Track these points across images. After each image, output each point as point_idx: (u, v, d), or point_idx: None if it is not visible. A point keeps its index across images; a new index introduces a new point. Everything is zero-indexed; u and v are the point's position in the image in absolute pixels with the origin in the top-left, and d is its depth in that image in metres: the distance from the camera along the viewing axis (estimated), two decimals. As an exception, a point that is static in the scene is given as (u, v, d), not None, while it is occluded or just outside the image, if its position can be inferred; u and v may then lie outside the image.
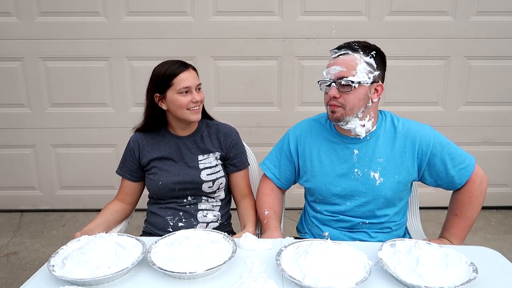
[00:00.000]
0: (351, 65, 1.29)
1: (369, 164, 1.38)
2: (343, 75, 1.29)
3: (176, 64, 1.46)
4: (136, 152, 1.56)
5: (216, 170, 1.56)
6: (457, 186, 1.39)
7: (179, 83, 1.44)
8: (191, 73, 1.47)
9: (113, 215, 1.55)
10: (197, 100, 1.46)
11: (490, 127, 2.98)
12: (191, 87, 1.46)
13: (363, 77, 1.29)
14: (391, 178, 1.37)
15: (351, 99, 1.30)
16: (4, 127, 2.98)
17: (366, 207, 1.40)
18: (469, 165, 1.37)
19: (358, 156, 1.39)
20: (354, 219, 1.42)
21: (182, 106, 1.45)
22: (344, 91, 1.30)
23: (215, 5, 2.77)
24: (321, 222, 1.48)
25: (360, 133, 1.36)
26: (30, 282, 1.09)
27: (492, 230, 2.85)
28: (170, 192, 1.53)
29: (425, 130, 1.38)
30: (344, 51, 1.32)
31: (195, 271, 1.06)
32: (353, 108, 1.31)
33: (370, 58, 1.31)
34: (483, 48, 2.83)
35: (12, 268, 2.43)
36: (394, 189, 1.38)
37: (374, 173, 1.38)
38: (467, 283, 1.01)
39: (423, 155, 1.36)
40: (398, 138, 1.38)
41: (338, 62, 1.31)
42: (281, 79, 2.89)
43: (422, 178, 1.41)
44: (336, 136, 1.43)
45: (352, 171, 1.40)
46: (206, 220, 1.56)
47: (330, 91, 1.32)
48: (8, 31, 2.80)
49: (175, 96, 1.45)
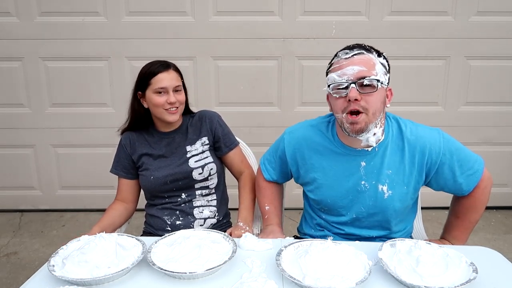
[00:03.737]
0: (370, 64, 1.20)
1: (377, 176, 1.30)
2: (364, 74, 1.18)
3: (158, 64, 1.49)
4: (128, 148, 1.58)
5: (203, 156, 1.57)
6: (464, 193, 1.33)
7: (155, 83, 1.47)
8: (170, 74, 1.48)
9: (119, 216, 1.56)
10: (171, 101, 1.47)
11: (490, 127, 2.98)
12: (167, 88, 1.47)
13: (382, 77, 1.20)
14: (400, 190, 1.30)
15: (374, 101, 1.18)
16: (4, 127, 2.98)
17: (373, 218, 1.35)
18: (478, 171, 1.30)
19: (366, 169, 1.30)
20: (360, 231, 1.38)
21: (158, 106, 1.48)
22: (366, 92, 1.18)
23: (215, 5, 2.77)
24: (326, 229, 1.43)
25: (371, 143, 1.26)
26: (30, 282, 1.09)
27: (492, 230, 2.84)
28: (163, 185, 1.54)
29: (434, 138, 1.28)
30: (357, 51, 1.22)
31: (195, 271, 1.06)
32: (376, 112, 1.20)
33: (383, 60, 1.24)
34: (483, 48, 2.83)
35: (12, 268, 2.43)
36: (403, 200, 1.32)
37: (382, 186, 1.29)
38: (467, 283, 1.00)
39: (432, 164, 1.28)
40: (406, 147, 1.29)
41: (354, 62, 1.20)
42: (281, 79, 2.89)
43: (428, 184, 1.35)
44: (341, 147, 1.33)
45: (359, 184, 1.31)
46: (203, 216, 1.57)
47: (350, 93, 1.17)
48: (8, 31, 2.80)
49: (151, 95, 1.48)
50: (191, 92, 2.52)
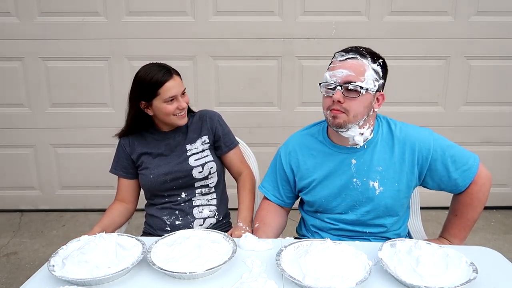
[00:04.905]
0: (360, 70, 1.25)
1: (367, 173, 1.34)
2: (351, 79, 1.24)
3: (161, 71, 1.45)
4: (127, 147, 1.58)
5: (203, 155, 1.57)
6: (461, 188, 1.35)
7: (165, 93, 1.45)
8: (176, 80, 1.48)
9: (120, 216, 1.56)
10: (183, 107, 1.49)
11: (490, 127, 2.98)
12: (177, 95, 1.47)
13: (370, 84, 1.25)
14: (391, 187, 1.34)
15: (356, 105, 1.25)
16: (4, 127, 2.98)
17: (366, 216, 1.37)
18: (473, 166, 1.32)
19: (356, 166, 1.35)
20: (354, 227, 1.40)
21: (169, 114, 1.48)
22: (349, 96, 1.25)
23: (215, 5, 2.77)
24: (321, 229, 1.45)
25: (358, 142, 1.32)
26: (30, 282, 1.09)
27: (492, 230, 2.84)
28: (163, 184, 1.54)
29: (424, 135, 1.33)
30: (352, 55, 1.27)
31: (195, 271, 1.06)
32: (357, 115, 1.27)
33: (377, 66, 1.28)
34: (483, 48, 2.83)
35: (12, 268, 2.43)
36: (395, 197, 1.35)
37: (373, 182, 1.34)
38: (467, 283, 1.01)
39: (423, 161, 1.32)
40: (396, 145, 1.34)
41: (345, 65, 1.26)
42: (281, 79, 2.89)
43: (424, 183, 1.38)
44: (332, 147, 1.39)
45: (351, 182, 1.36)
46: (203, 216, 1.57)
47: (335, 95, 1.25)
48: (8, 31, 2.80)
49: (162, 105, 1.47)
50: (191, 92, 2.53)
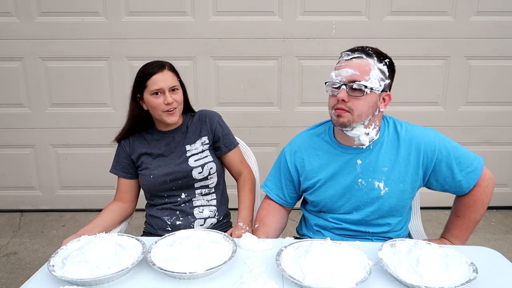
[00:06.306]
0: (365, 69, 1.25)
1: (373, 173, 1.34)
2: (356, 78, 1.24)
3: (153, 65, 1.48)
4: (127, 147, 1.58)
5: (203, 155, 1.57)
6: (464, 190, 1.34)
7: (151, 85, 1.46)
8: (165, 74, 1.47)
9: (111, 215, 1.55)
10: (168, 102, 1.46)
11: (490, 127, 2.98)
12: (164, 89, 1.46)
13: (375, 84, 1.25)
14: (396, 187, 1.33)
15: (360, 105, 1.25)
16: (4, 127, 2.98)
17: (371, 216, 1.37)
18: (477, 168, 1.32)
19: (362, 166, 1.34)
20: (358, 227, 1.39)
21: (156, 108, 1.47)
22: (354, 95, 1.25)
23: (215, 5, 2.77)
24: (324, 228, 1.45)
25: (364, 142, 1.32)
26: (30, 282, 1.09)
27: (492, 230, 2.85)
28: (162, 184, 1.54)
29: (429, 136, 1.33)
30: (358, 54, 1.27)
31: (195, 271, 1.06)
32: (361, 114, 1.26)
33: (383, 66, 1.27)
34: (483, 48, 2.83)
35: (12, 268, 2.43)
36: (399, 197, 1.34)
37: (378, 183, 1.33)
38: (467, 283, 1.00)
39: (428, 162, 1.32)
40: (402, 145, 1.33)
41: (351, 64, 1.26)
42: (281, 79, 2.89)
43: (428, 183, 1.37)
44: (338, 147, 1.38)
45: (356, 182, 1.35)
46: (203, 216, 1.57)
47: (339, 94, 1.25)
48: (8, 31, 2.80)
49: (149, 97, 1.47)
50: (191, 92, 2.52)
